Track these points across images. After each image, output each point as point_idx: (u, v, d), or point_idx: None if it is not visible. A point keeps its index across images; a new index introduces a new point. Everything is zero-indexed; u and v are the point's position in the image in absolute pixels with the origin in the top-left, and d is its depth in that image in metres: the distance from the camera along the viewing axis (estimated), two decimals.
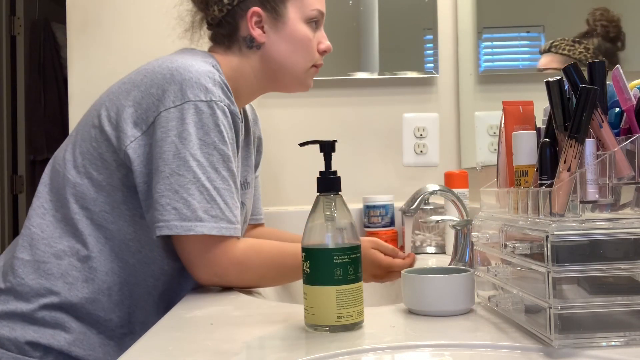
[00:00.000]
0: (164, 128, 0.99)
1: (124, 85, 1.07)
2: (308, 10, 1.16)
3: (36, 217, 1.07)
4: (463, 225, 1.14)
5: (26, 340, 1.01)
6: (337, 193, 0.78)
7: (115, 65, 1.81)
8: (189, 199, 0.97)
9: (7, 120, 3.24)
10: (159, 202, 0.98)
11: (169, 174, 0.97)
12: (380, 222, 1.65)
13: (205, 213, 0.97)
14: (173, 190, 0.97)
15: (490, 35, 1.79)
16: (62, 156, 1.09)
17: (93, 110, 1.10)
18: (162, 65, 1.04)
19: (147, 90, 1.02)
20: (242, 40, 1.16)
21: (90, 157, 1.06)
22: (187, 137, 0.98)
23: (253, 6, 1.14)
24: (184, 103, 0.99)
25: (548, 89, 0.72)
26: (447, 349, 0.69)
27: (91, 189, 1.05)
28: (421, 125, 1.76)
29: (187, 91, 1.00)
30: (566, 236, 0.62)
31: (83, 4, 1.79)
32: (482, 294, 0.85)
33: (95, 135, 1.06)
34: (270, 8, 1.15)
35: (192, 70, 1.02)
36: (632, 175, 0.67)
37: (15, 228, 3.23)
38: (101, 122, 1.05)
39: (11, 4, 3.27)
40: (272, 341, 0.74)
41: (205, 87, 1.01)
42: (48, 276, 1.03)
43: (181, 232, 0.97)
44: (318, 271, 0.75)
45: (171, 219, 0.97)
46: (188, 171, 0.98)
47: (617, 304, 0.63)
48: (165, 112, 1.00)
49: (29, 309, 1.02)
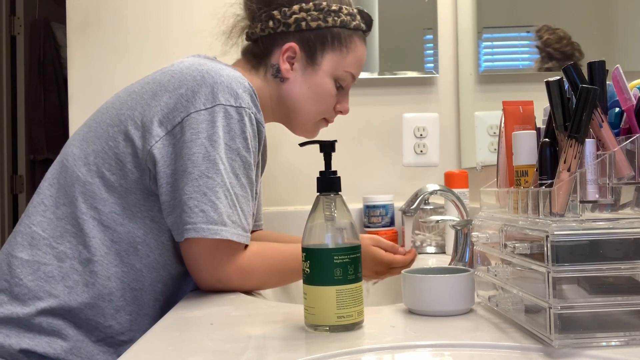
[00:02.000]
0: (194, 130, 0.98)
1: (147, 85, 1.05)
2: (342, 70, 1.17)
3: (36, 214, 1.04)
4: (463, 225, 1.14)
5: (21, 348, 0.97)
6: (337, 193, 0.78)
7: (115, 65, 1.81)
8: (216, 202, 0.96)
9: (7, 120, 3.24)
10: (186, 204, 0.96)
11: (197, 176, 0.97)
12: (380, 222, 1.65)
13: (229, 218, 0.97)
14: (202, 192, 0.96)
15: (490, 35, 1.79)
16: (70, 152, 1.07)
17: (111, 108, 1.07)
18: (192, 67, 1.03)
19: (175, 90, 1.01)
20: (269, 67, 1.17)
21: (104, 156, 1.03)
22: (216, 140, 0.98)
23: (293, 41, 1.15)
24: (214, 106, 0.99)
25: (548, 89, 0.72)
26: (447, 349, 0.69)
27: (102, 189, 1.02)
28: (421, 125, 1.76)
29: (218, 94, 1.00)
30: (566, 236, 0.62)
31: (83, 4, 1.79)
32: (482, 294, 0.85)
33: (113, 135, 1.04)
34: (308, 50, 1.15)
35: (223, 75, 1.02)
36: (632, 175, 0.67)
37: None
38: (122, 121, 1.03)
39: (11, 4, 3.27)
40: (272, 341, 0.74)
41: (236, 92, 1.01)
42: (48, 279, 1.00)
43: (208, 235, 0.96)
44: (318, 271, 0.75)
45: (198, 221, 0.96)
46: (217, 174, 0.97)
47: (617, 304, 0.63)
48: (196, 113, 0.99)
49: (26, 313, 0.98)
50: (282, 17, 1.14)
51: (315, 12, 1.14)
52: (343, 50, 1.16)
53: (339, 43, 1.16)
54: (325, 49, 1.15)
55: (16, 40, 3.29)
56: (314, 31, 1.15)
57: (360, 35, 1.19)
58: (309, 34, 1.15)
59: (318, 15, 1.14)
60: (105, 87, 1.83)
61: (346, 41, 1.16)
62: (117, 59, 1.80)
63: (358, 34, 1.19)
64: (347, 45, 1.17)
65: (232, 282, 1.01)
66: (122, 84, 1.12)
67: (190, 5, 1.84)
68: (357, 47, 1.18)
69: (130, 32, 1.79)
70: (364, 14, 1.21)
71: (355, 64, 1.19)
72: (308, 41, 1.15)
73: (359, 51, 1.19)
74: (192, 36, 1.83)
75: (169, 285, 1.07)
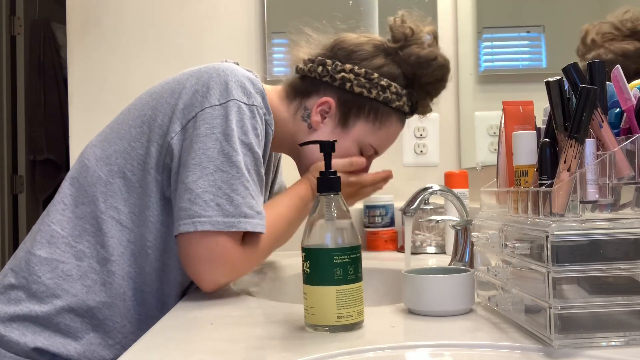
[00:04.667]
0: (208, 125, 0.99)
1: (167, 85, 1.07)
2: (368, 143, 1.18)
3: (56, 212, 1.05)
4: (463, 225, 1.14)
5: (35, 346, 0.99)
6: (337, 193, 0.78)
7: (115, 65, 1.81)
8: (232, 195, 0.97)
9: (7, 120, 3.24)
10: (201, 197, 0.96)
11: (213, 170, 0.97)
12: (380, 222, 1.65)
13: (251, 209, 0.98)
14: (217, 186, 0.96)
15: (490, 35, 1.79)
16: (92, 152, 1.08)
17: (133, 110, 1.08)
18: (209, 66, 1.06)
19: (192, 87, 1.03)
20: (302, 108, 1.17)
21: (126, 157, 1.04)
22: (230, 134, 0.99)
23: (331, 96, 1.15)
24: (228, 101, 1.00)
25: (548, 89, 0.72)
26: (447, 349, 0.69)
27: (123, 189, 1.03)
28: (421, 125, 1.76)
29: (232, 90, 1.01)
30: (566, 236, 0.62)
31: (83, 4, 1.79)
32: (482, 294, 0.85)
33: (135, 135, 1.05)
34: (343, 111, 1.15)
35: (237, 74, 1.04)
36: (632, 175, 0.67)
37: (15, 228, 3.23)
38: (144, 122, 1.05)
39: (11, 4, 3.27)
40: (272, 341, 0.74)
41: (250, 91, 1.03)
42: (67, 277, 1.01)
43: (223, 228, 0.95)
44: (318, 271, 0.75)
45: (214, 214, 0.96)
46: (232, 167, 0.97)
47: (617, 304, 0.63)
48: (210, 108, 1.00)
49: (44, 312, 0.99)
50: (332, 68, 1.15)
51: (363, 79, 1.14)
52: (376, 124, 1.17)
53: (375, 117, 1.16)
54: (360, 117, 1.16)
55: (16, 40, 3.29)
56: (355, 96, 1.15)
57: (400, 116, 1.20)
58: (350, 96, 1.15)
59: (365, 83, 1.14)
60: (105, 87, 1.83)
61: (382, 117, 1.17)
62: (117, 59, 1.80)
63: (398, 114, 1.19)
64: (382, 121, 1.17)
65: (240, 272, 1.03)
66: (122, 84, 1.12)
67: (190, 5, 1.84)
68: (392, 125, 1.19)
69: (130, 32, 1.79)
70: (413, 98, 1.20)
71: (384, 142, 1.20)
72: (346, 102, 1.15)
73: (392, 130, 1.20)
74: (192, 36, 1.84)
75: (176, 291, 1.07)
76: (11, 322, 1.00)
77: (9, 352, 0.99)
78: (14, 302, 1.01)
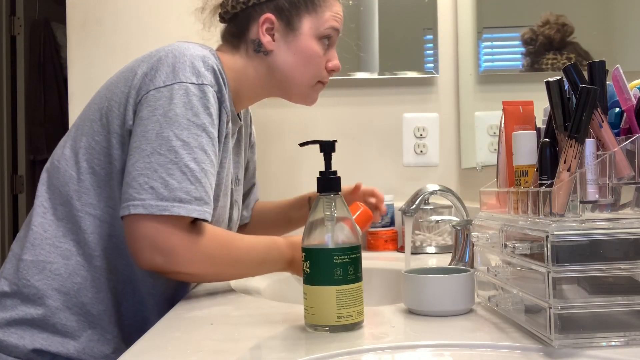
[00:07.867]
0: (151, 107, 0.98)
1: (122, 74, 1.07)
2: (323, 28, 1.16)
3: (37, 216, 1.05)
4: (463, 225, 1.14)
5: (34, 348, 0.99)
6: (337, 193, 0.78)
7: (115, 65, 1.80)
8: (167, 178, 0.94)
9: (7, 120, 3.24)
10: (136, 180, 0.94)
11: (149, 152, 0.95)
12: (380, 222, 1.65)
13: (187, 194, 0.94)
14: (152, 169, 0.94)
15: (490, 35, 1.79)
16: (61, 153, 1.08)
17: (93, 104, 1.09)
18: (160, 49, 1.05)
19: (142, 72, 1.02)
20: (250, 43, 1.15)
21: (92, 152, 1.04)
22: (172, 117, 0.97)
23: (268, 12, 1.14)
24: (174, 84, 0.99)
25: (548, 89, 0.72)
26: (447, 349, 0.69)
27: (94, 184, 1.03)
28: (421, 125, 1.76)
29: (179, 72, 0.99)
30: (566, 236, 0.62)
31: (83, 4, 1.79)
32: (482, 294, 0.85)
33: (97, 129, 1.05)
34: (285, 18, 1.14)
35: (186, 54, 1.02)
36: (632, 175, 0.67)
37: (15, 228, 3.23)
38: (103, 114, 1.04)
39: (11, 4, 3.27)
40: (272, 341, 0.74)
41: (199, 70, 1.00)
42: (56, 277, 1.01)
43: (156, 211, 0.92)
44: (318, 271, 0.75)
45: (147, 197, 0.93)
46: (170, 151, 0.95)
47: (617, 304, 0.63)
48: (155, 90, 0.99)
49: (39, 314, 1.00)
50: None
51: None
52: (318, 10, 1.16)
53: (312, 4, 1.15)
54: (301, 13, 1.15)
55: (16, 40, 3.29)
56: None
57: None
58: (281, 1, 1.14)
59: None
60: None
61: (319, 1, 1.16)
62: (117, 59, 1.79)
63: None
64: (321, 4, 1.16)
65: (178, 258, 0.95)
66: None
67: (190, 5, 1.83)
68: (331, 4, 1.18)
69: (130, 32, 1.79)
70: None
71: (334, 19, 1.18)
72: (282, 9, 1.14)
73: (335, 7, 1.18)
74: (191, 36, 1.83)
75: (161, 280, 1.05)
76: (9, 327, 1.00)
77: (9, 356, 0.99)
78: (10, 308, 1.01)
